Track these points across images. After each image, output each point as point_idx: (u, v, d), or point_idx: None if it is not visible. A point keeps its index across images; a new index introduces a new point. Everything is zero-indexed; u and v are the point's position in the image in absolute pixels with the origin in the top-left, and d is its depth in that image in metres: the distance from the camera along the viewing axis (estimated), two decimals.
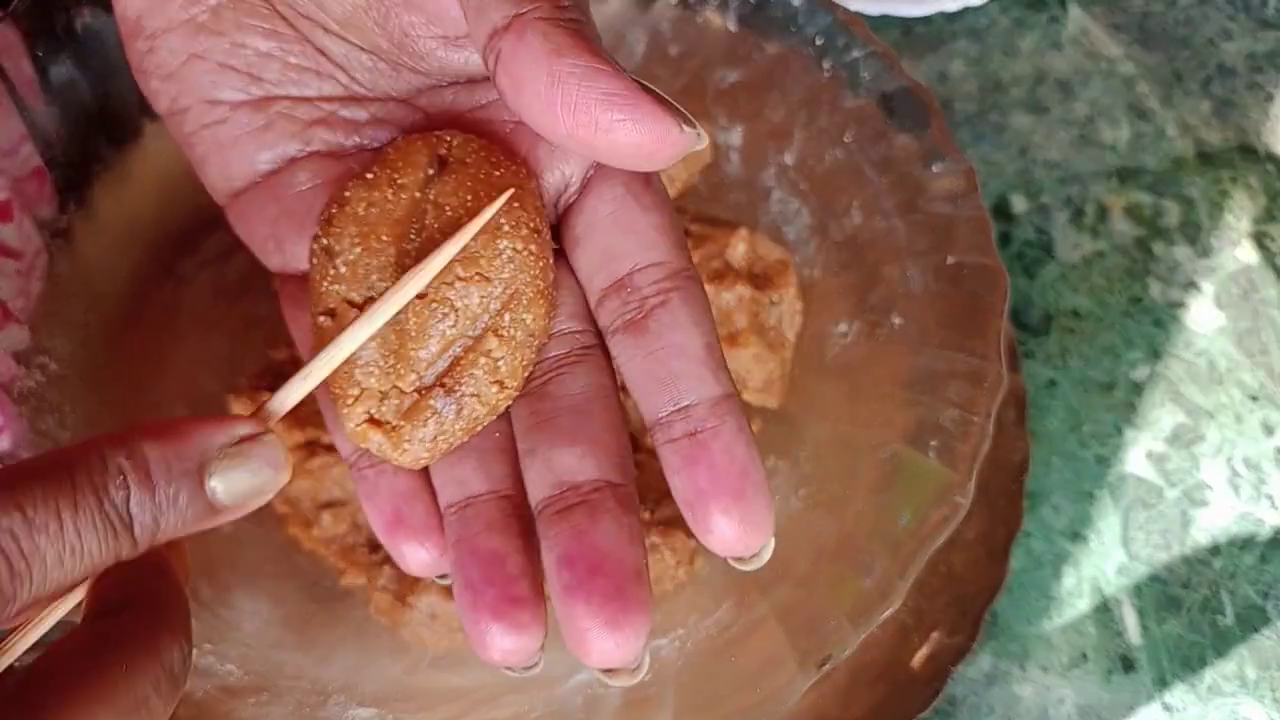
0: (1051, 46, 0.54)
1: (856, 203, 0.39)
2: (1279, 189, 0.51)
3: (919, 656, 0.39)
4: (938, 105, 0.38)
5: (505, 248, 0.25)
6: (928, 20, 0.54)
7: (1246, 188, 0.51)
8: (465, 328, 0.25)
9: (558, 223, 0.27)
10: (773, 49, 0.40)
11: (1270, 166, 0.51)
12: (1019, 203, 0.50)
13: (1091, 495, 0.45)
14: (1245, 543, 0.44)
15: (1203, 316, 0.48)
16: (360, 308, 0.25)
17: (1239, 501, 0.45)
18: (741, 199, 0.42)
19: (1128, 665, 0.42)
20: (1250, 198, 0.50)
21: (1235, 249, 0.49)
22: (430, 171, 0.26)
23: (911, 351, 0.36)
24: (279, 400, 0.24)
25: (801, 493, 0.37)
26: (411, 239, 0.25)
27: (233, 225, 0.28)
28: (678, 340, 0.24)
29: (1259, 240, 0.49)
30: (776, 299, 0.40)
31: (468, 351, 0.25)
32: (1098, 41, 0.54)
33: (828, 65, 0.39)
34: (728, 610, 0.35)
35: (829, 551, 0.33)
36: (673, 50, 0.42)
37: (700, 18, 0.41)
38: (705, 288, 0.38)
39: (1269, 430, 0.46)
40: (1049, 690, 0.41)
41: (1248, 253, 0.49)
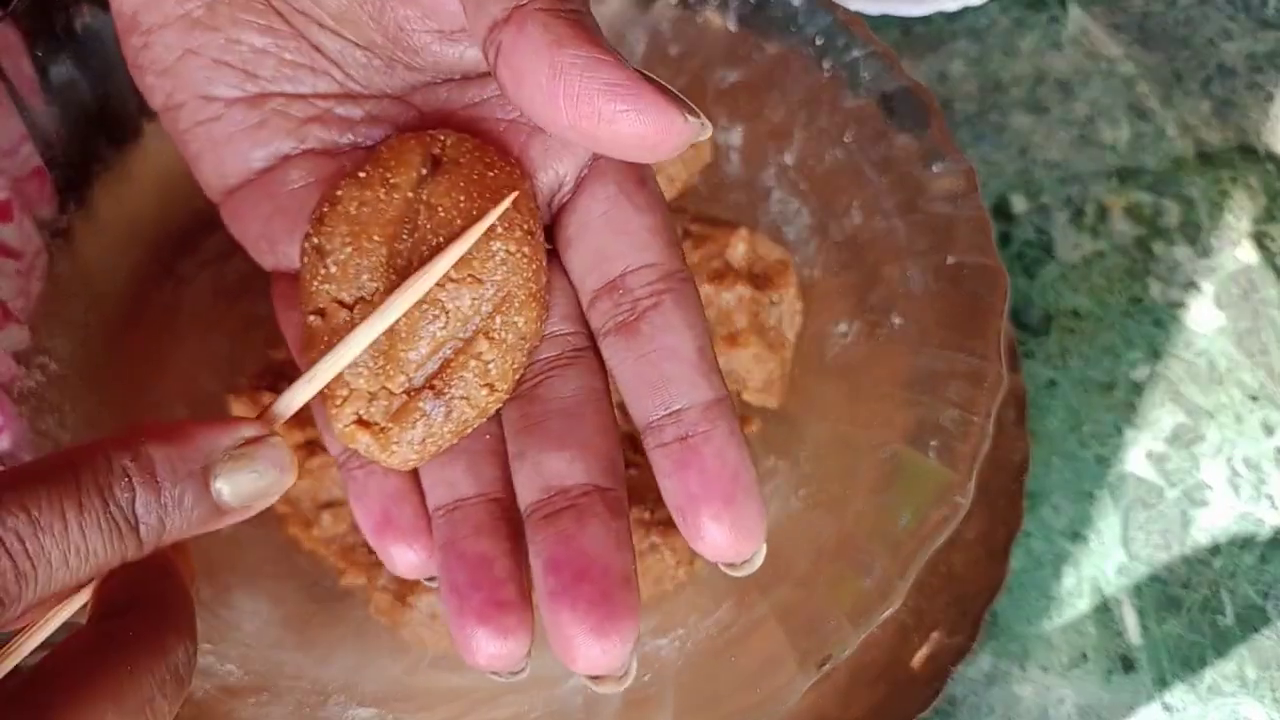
0: (1051, 46, 0.54)
1: (856, 203, 0.39)
2: (1279, 189, 0.51)
3: (919, 656, 0.39)
4: (938, 105, 0.38)
5: (498, 249, 0.25)
6: (928, 20, 0.54)
7: (1246, 188, 0.51)
8: (456, 329, 0.25)
9: (551, 223, 0.27)
10: (773, 49, 0.40)
11: (1270, 166, 0.51)
12: (1019, 203, 0.50)
13: (1091, 495, 0.45)
14: (1245, 543, 0.44)
15: (1203, 316, 0.48)
16: (350, 308, 0.25)
17: (1239, 501, 0.45)
18: (741, 199, 0.42)
19: (1128, 665, 0.42)
20: (1250, 198, 0.50)
21: (1235, 249, 0.49)
22: (423, 171, 0.26)
23: (911, 351, 0.36)
24: (284, 402, 0.24)
25: (801, 493, 0.37)
26: (404, 239, 0.25)
27: (226, 223, 0.28)
28: (670, 343, 0.24)
29: (1259, 240, 0.49)
30: (776, 299, 0.40)
31: (458, 353, 0.25)
32: (1098, 41, 0.54)
33: (828, 65, 0.39)
34: (728, 610, 0.35)
35: (829, 551, 0.33)
36: (673, 50, 0.42)
37: (700, 18, 0.41)
38: (705, 288, 0.39)
39: (1269, 430, 0.46)
40: (1049, 690, 0.41)
41: (1248, 253, 0.49)
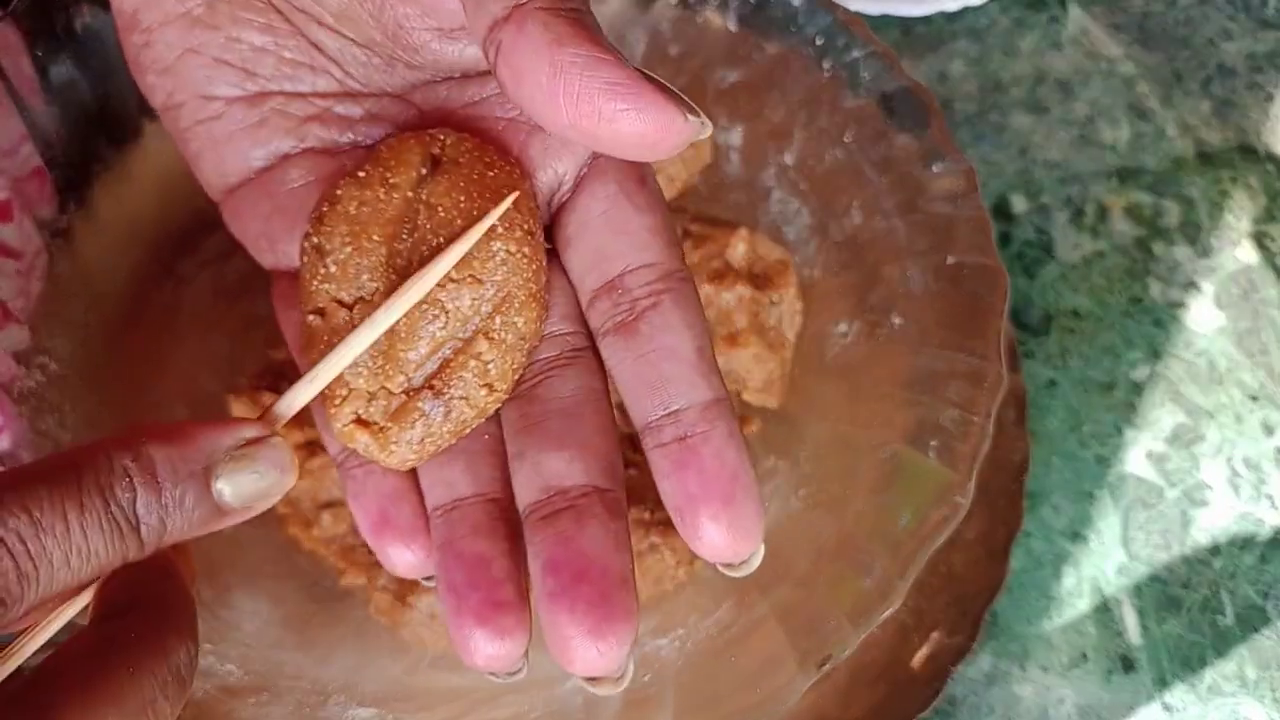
0: (1051, 46, 0.54)
1: (856, 203, 0.39)
2: (1279, 189, 0.51)
3: (919, 656, 0.39)
4: (938, 105, 0.38)
5: (498, 249, 0.25)
6: (928, 20, 0.54)
7: (1246, 188, 0.51)
8: (455, 329, 0.25)
9: (551, 222, 0.27)
10: (773, 49, 0.40)
11: (1270, 166, 0.51)
12: (1019, 203, 0.50)
13: (1091, 495, 0.45)
14: (1245, 543, 0.44)
15: (1203, 316, 0.48)
16: (350, 307, 0.25)
17: (1239, 501, 0.45)
18: (741, 199, 0.42)
19: (1128, 665, 0.42)
20: (1250, 198, 0.50)
21: (1235, 249, 0.49)
22: (423, 171, 0.26)
23: (911, 351, 0.36)
24: (285, 403, 0.24)
25: (801, 493, 0.37)
26: (403, 239, 0.25)
27: (227, 222, 0.28)
28: (669, 343, 0.24)
29: (1259, 240, 0.49)
30: (776, 299, 0.40)
31: (457, 354, 0.25)
32: (1098, 41, 0.54)
33: (828, 65, 0.39)
34: (728, 610, 0.35)
35: (829, 551, 0.33)
36: (673, 50, 0.42)
37: (700, 18, 0.41)
38: (705, 288, 0.39)
39: (1269, 430, 0.46)
40: (1049, 690, 0.41)
41: (1248, 253, 0.49)
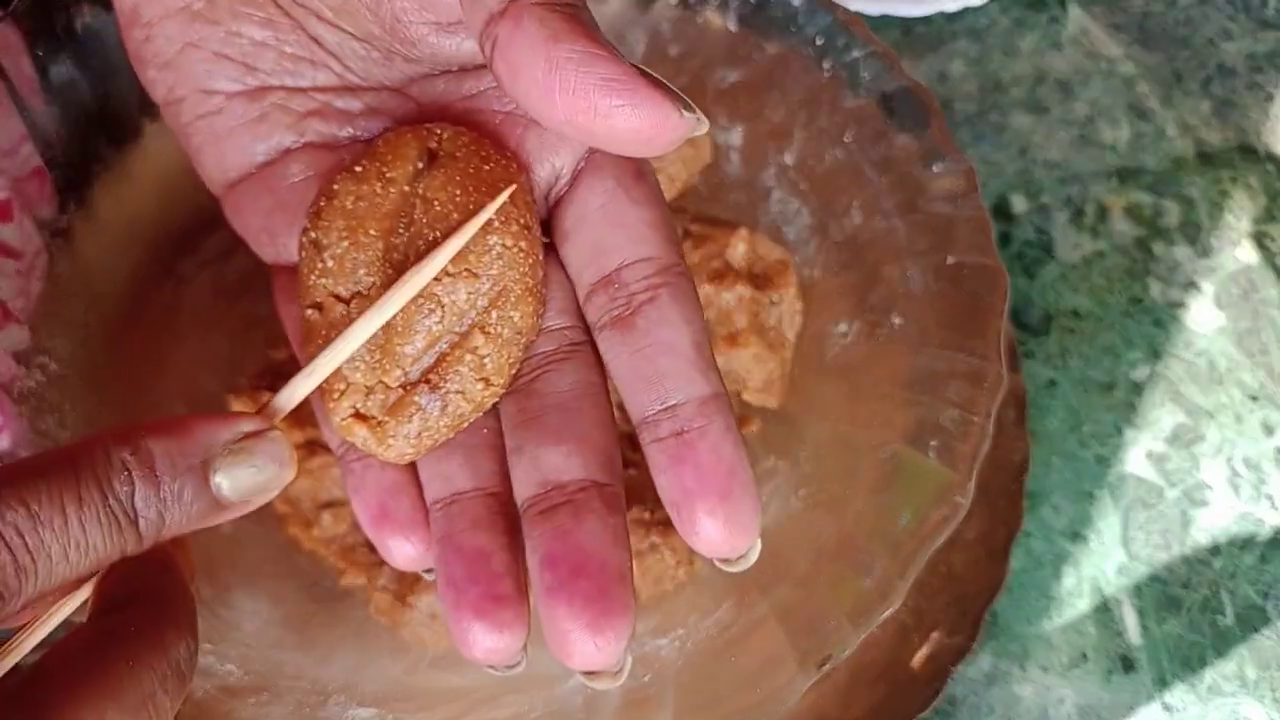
0: (1051, 46, 0.54)
1: (856, 203, 0.39)
2: (1279, 189, 0.51)
3: (919, 656, 0.39)
4: (938, 105, 0.38)
5: (495, 244, 0.25)
6: (928, 20, 0.54)
7: (1246, 188, 0.51)
8: (452, 324, 0.25)
9: (548, 216, 0.27)
10: (773, 49, 0.40)
11: (1270, 166, 0.51)
12: (1019, 203, 0.50)
13: (1091, 495, 0.45)
14: (1245, 543, 0.44)
15: (1203, 316, 0.48)
16: (347, 302, 0.25)
17: (1239, 501, 0.45)
18: (741, 199, 0.42)
19: (1128, 665, 0.42)
20: (1250, 198, 0.50)
21: (1235, 249, 0.49)
22: (419, 165, 0.26)
23: (911, 351, 0.36)
24: (284, 397, 0.24)
25: (801, 493, 0.37)
26: (400, 233, 0.25)
27: (228, 216, 0.28)
28: (666, 338, 0.24)
29: (1259, 240, 0.49)
30: (776, 299, 0.40)
31: (454, 348, 0.25)
32: (1098, 41, 0.54)
33: (828, 65, 0.39)
34: (728, 610, 0.35)
35: (829, 551, 0.33)
36: (673, 50, 0.42)
37: (700, 18, 0.41)
38: (705, 288, 0.39)
39: (1269, 430, 0.46)
40: (1049, 690, 0.41)
41: (1248, 253, 0.49)
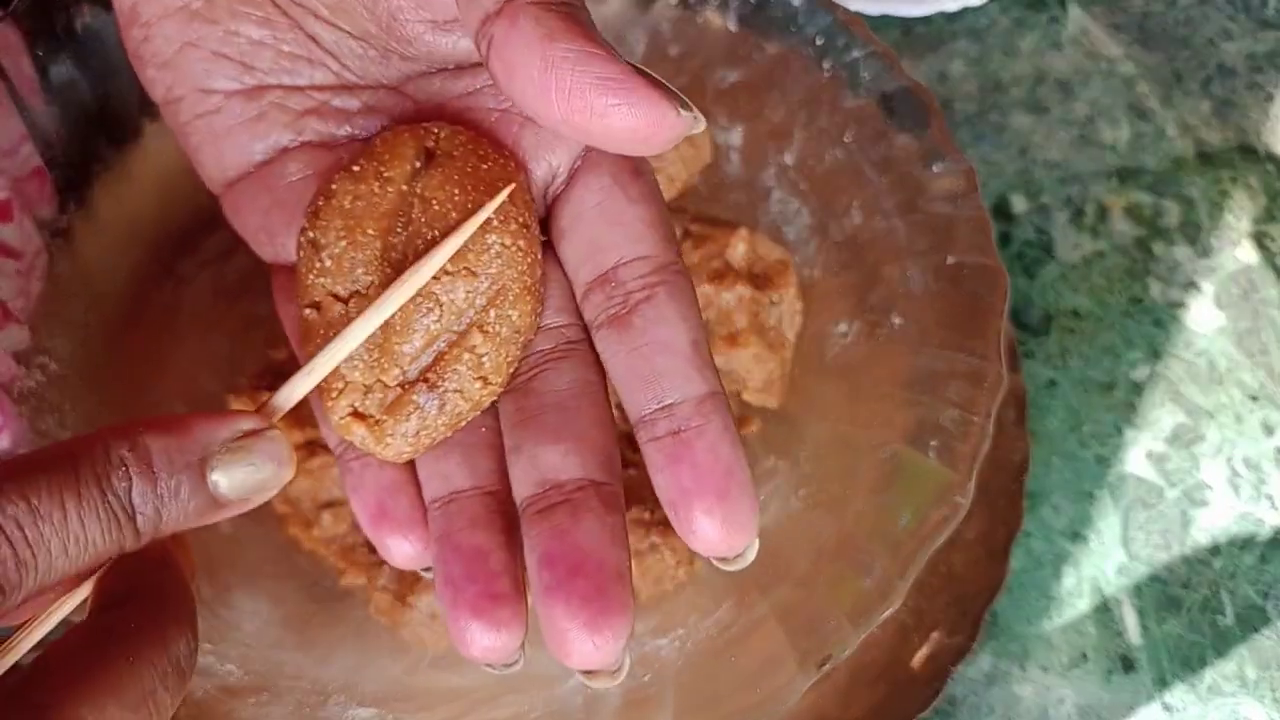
0: (1051, 46, 0.54)
1: (856, 203, 0.39)
2: (1279, 189, 0.51)
3: (919, 656, 0.39)
4: (938, 105, 0.38)
5: (493, 243, 0.25)
6: (928, 20, 0.54)
7: (1246, 188, 0.51)
8: (450, 322, 0.25)
9: (546, 214, 0.27)
10: (773, 49, 0.40)
11: (1270, 166, 0.51)
12: (1019, 203, 0.50)
13: (1091, 495, 0.45)
14: (1245, 543, 0.44)
15: (1203, 316, 0.48)
16: (346, 301, 0.25)
17: (1239, 501, 0.45)
18: (741, 199, 0.42)
19: (1128, 665, 0.42)
20: (1250, 198, 0.50)
21: (1235, 249, 0.49)
22: (417, 164, 0.26)
23: (911, 351, 0.36)
24: (283, 395, 0.24)
25: (801, 493, 0.37)
26: (398, 233, 0.25)
27: (227, 215, 0.28)
28: (662, 336, 0.24)
29: (1259, 240, 0.49)
30: (776, 299, 0.40)
31: (452, 346, 0.25)
32: (1098, 41, 0.54)
33: (828, 65, 0.39)
34: (728, 610, 0.35)
35: (829, 551, 0.33)
36: (673, 50, 0.42)
37: (700, 18, 0.41)
38: (705, 288, 0.39)
39: (1269, 430, 0.46)
40: (1049, 690, 0.41)
41: (1248, 253, 0.49)
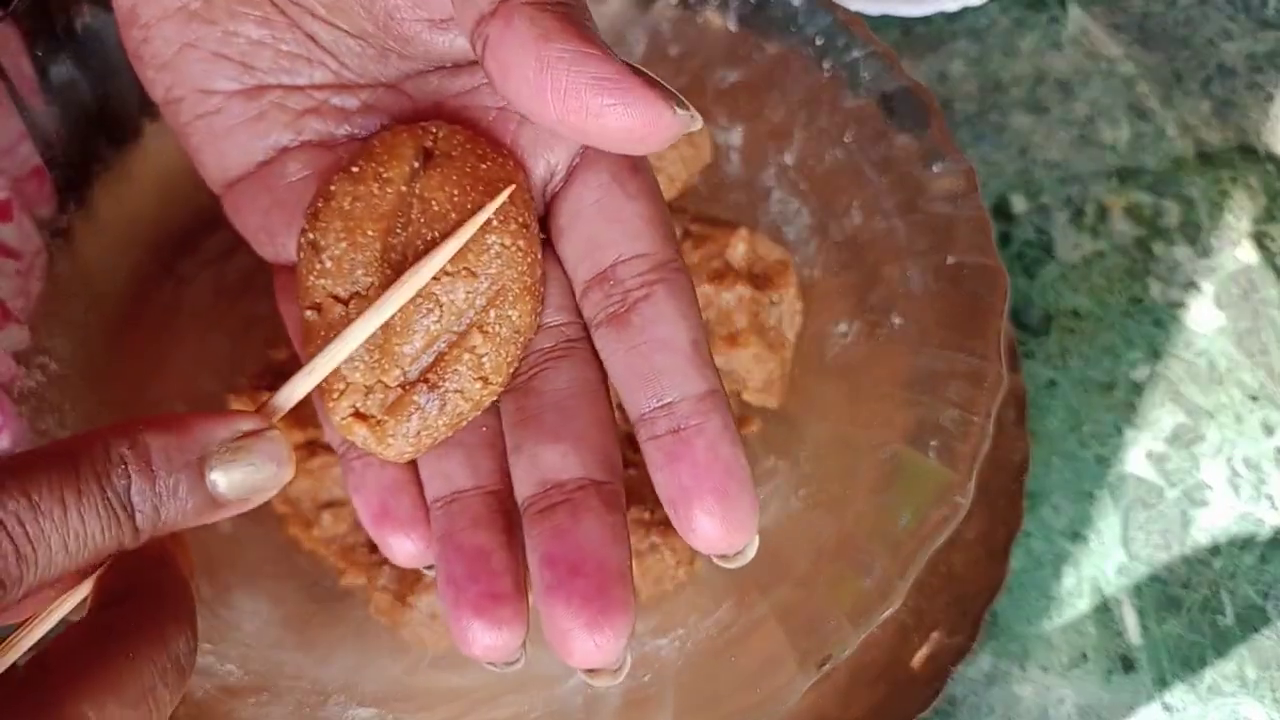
0: (1051, 46, 0.54)
1: (856, 203, 0.39)
2: (1279, 189, 0.51)
3: (919, 656, 0.39)
4: (938, 105, 0.38)
5: (493, 243, 0.25)
6: (928, 20, 0.54)
7: (1246, 188, 0.51)
8: (450, 323, 0.25)
9: (545, 212, 0.27)
10: (773, 49, 0.40)
11: (1270, 166, 0.51)
12: (1019, 203, 0.50)
13: (1091, 495, 0.45)
14: (1245, 543, 0.44)
15: (1203, 316, 0.48)
16: (346, 302, 0.25)
17: (1239, 501, 0.45)
18: (741, 199, 0.42)
19: (1128, 665, 0.42)
20: (1250, 198, 0.50)
21: (1235, 249, 0.49)
22: (415, 164, 0.26)
23: (911, 351, 0.36)
24: (284, 395, 0.24)
25: (801, 493, 0.37)
26: (398, 233, 0.25)
27: (228, 215, 0.28)
28: (661, 335, 0.24)
29: (1259, 240, 0.49)
30: (776, 299, 0.40)
31: (452, 347, 0.25)
32: (1098, 41, 0.54)
33: (828, 65, 0.39)
34: (728, 610, 0.35)
35: (829, 551, 0.33)
36: (673, 50, 0.42)
37: (700, 18, 0.41)
38: (705, 288, 0.39)
39: (1269, 430, 0.46)
40: (1049, 690, 0.41)
41: (1248, 253, 0.49)
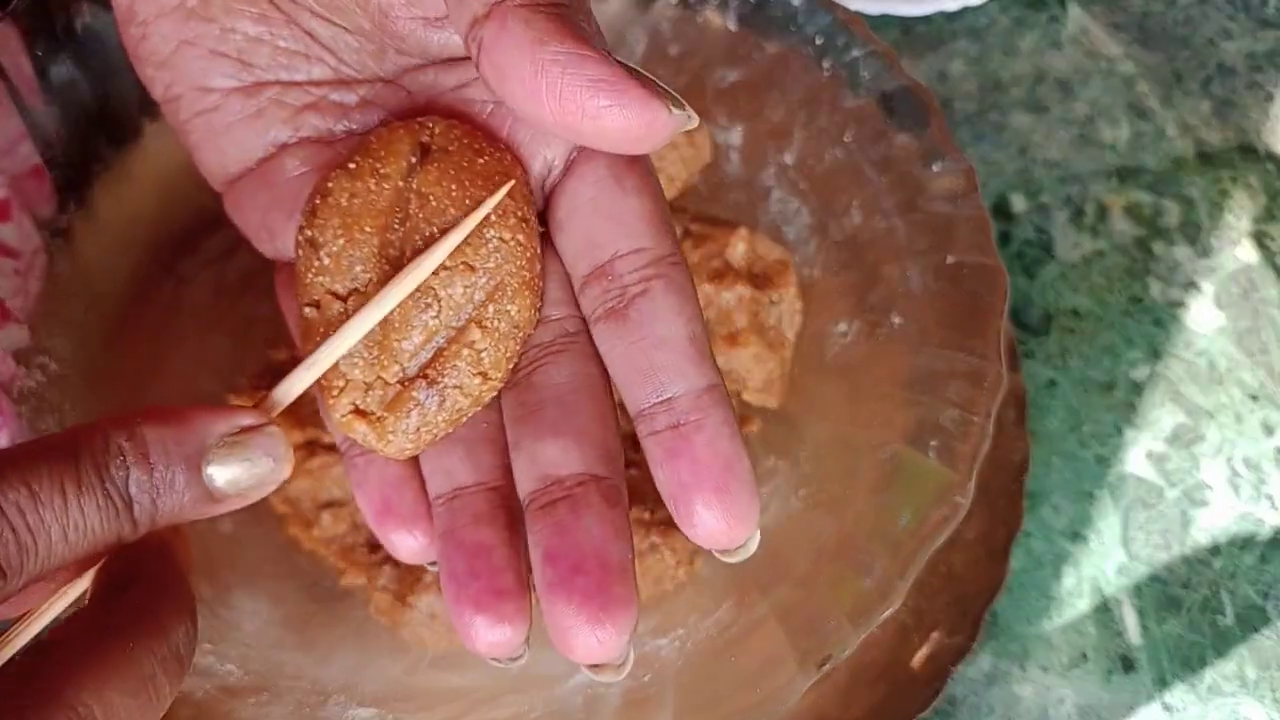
0: (1051, 46, 0.54)
1: (856, 202, 0.39)
2: (1279, 189, 0.51)
3: (919, 656, 0.39)
4: (938, 105, 0.38)
5: (492, 238, 0.25)
6: (928, 20, 0.54)
7: (1246, 188, 0.51)
8: (449, 318, 0.25)
9: (544, 206, 0.27)
10: (773, 49, 0.40)
11: (1270, 166, 0.51)
12: (1019, 202, 0.50)
13: (1091, 495, 0.45)
14: (1245, 543, 0.44)
15: (1203, 316, 0.48)
16: (344, 299, 0.25)
17: (1239, 501, 0.45)
18: (741, 199, 0.42)
19: (1128, 665, 0.42)
20: (1250, 198, 0.50)
21: (1235, 249, 0.49)
22: (413, 160, 0.26)
23: (911, 351, 0.36)
24: (283, 390, 0.24)
25: (801, 493, 0.37)
26: (395, 229, 0.25)
27: (229, 212, 0.29)
28: (659, 330, 0.24)
29: (1259, 240, 0.49)
30: (776, 299, 0.40)
31: (451, 342, 0.25)
32: (1098, 41, 0.54)
33: (828, 65, 0.39)
34: (728, 610, 0.35)
35: (829, 551, 0.33)
36: (673, 50, 0.42)
37: (700, 18, 0.41)
38: (705, 288, 0.39)
39: (1269, 430, 0.46)
40: (1049, 690, 0.41)
41: (1248, 253, 0.49)
